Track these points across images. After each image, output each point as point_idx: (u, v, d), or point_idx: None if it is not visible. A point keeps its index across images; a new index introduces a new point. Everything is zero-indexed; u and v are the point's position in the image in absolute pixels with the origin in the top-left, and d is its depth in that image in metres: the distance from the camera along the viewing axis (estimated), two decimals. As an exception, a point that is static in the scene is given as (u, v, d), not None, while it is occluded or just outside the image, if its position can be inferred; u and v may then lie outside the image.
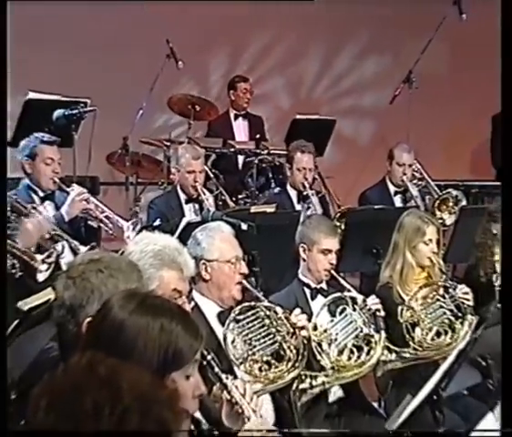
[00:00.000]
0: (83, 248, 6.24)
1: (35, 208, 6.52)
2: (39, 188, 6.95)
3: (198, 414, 2.94)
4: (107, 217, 6.77)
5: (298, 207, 8.33)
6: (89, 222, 6.84)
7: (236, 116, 10.37)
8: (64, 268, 5.18)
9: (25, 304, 4.67)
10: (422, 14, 10.49)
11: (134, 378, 1.98)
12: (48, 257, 5.99)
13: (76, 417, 1.87)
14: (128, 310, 2.81)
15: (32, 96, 8.09)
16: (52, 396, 1.93)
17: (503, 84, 3.53)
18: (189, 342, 2.81)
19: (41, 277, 5.87)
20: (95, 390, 1.91)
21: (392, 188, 9.08)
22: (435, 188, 9.04)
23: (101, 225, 6.78)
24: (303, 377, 5.38)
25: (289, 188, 8.60)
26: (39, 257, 5.95)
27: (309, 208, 8.27)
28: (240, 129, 10.28)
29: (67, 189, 7.04)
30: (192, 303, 4.75)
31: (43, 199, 6.96)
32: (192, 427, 2.94)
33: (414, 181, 9.09)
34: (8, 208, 6.51)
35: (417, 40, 10.16)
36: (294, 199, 8.49)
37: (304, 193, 8.49)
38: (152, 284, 3.87)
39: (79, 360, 2.05)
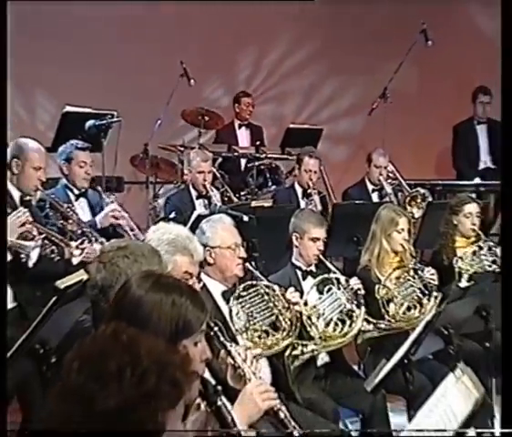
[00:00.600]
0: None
1: (69, 208, 6.57)
2: (74, 187, 6.95)
3: (206, 375, 2.90)
4: (131, 229, 6.75)
5: (302, 202, 8.36)
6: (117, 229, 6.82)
7: (240, 126, 10.38)
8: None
9: (62, 283, 4.66)
10: (395, 40, 10.43)
11: (151, 345, 1.97)
12: (81, 244, 5.99)
13: (102, 378, 1.87)
14: (145, 288, 2.84)
15: (68, 109, 8.11)
16: (82, 360, 1.93)
17: (503, 85, 3.52)
18: (196, 315, 2.84)
19: (75, 261, 5.86)
20: (118, 355, 1.90)
21: (370, 187, 9.11)
22: (406, 187, 9.07)
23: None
24: (296, 345, 5.39)
25: (296, 185, 8.63)
26: (73, 243, 5.94)
27: (310, 203, 8.30)
28: (243, 137, 10.30)
29: (107, 200, 7.08)
30: (201, 283, 4.75)
31: (77, 197, 6.96)
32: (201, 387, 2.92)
33: (389, 181, 9.10)
34: (47, 206, 6.55)
35: (391, 62, 10.15)
36: (300, 195, 8.52)
37: (308, 191, 8.52)
38: (167, 267, 3.85)
39: (105, 330, 2.06)
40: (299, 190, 8.57)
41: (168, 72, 9.40)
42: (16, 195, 6.26)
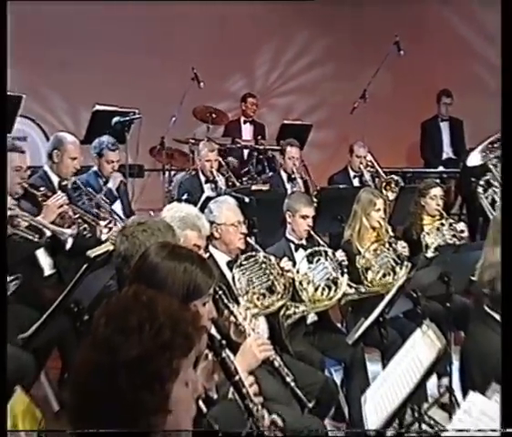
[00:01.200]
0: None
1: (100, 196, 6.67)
2: (102, 176, 6.97)
3: (213, 331, 2.90)
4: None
5: (288, 185, 8.32)
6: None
7: (245, 122, 10.36)
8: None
9: (92, 252, 4.66)
10: (373, 50, 10.40)
11: (166, 303, 1.96)
12: (109, 223, 6.00)
13: (125, 331, 1.86)
14: (161, 257, 2.84)
15: (98, 107, 8.11)
16: (108, 316, 1.92)
17: (503, 84, 3.06)
18: (205, 280, 2.83)
19: (103, 236, 5.87)
20: (138, 312, 1.90)
21: (352, 173, 9.08)
22: (382, 173, 9.02)
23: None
24: (289, 306, 5.40)
25: (282, 172, 8.61)
26: (102, 223, 5.96)
27: (295, 186, 8.25)
28: (247, 131, 10.27)
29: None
30: (208, 254, 4.74)
31: (105, 182, 6.96)
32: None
33: (368, 168, 9.07)
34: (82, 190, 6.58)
35: (370, 68, 10.09)
36: (285, 180, 8.49)
37: (292, 176, 8.51)
38: (180, 240, 3.84)
39: (127, 291, 2.05)
40: (284, 176, 8.54)
41: (182, 76, 9.34)
42: (55, 180, 6.40)
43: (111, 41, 9.99)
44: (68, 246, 5.53)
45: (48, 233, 5.53)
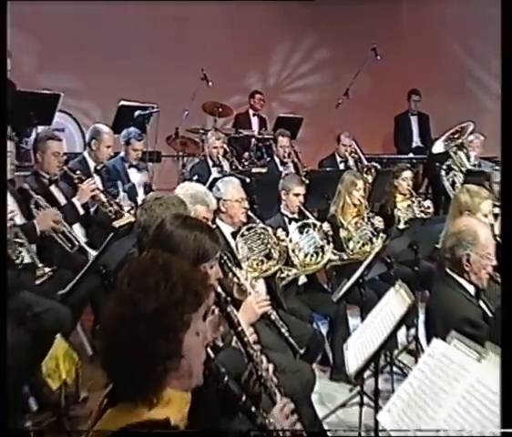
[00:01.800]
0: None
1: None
2: (128, 161, 6.87)
3: (219, 290, 2.89)
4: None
5: (281, 168, 8.26)
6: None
7: (253, 115, 10.26)
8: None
9: (117, 223, 4.66)
10: (354, 55, 10.33)
11: (179, 265, 1.96)
12: (131, 208, 5.97)
13: (144, 289, 1.86)
14: (175, 226, 2.83)
15: (123, 103, 8.05)
16: (130, 276, 1.92)
17: (503, 84, 2.86)
18: (212, 246, 2.82)
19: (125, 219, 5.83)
20: (155, 272, 1.90)
21: (338, 159, 9.02)
22: (364, 160, 9.02)
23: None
24: (283, 270, 5.38)
25: (275, 157, 8.53)
26: (126, 208, 5.91)
27: (286, 169, 8.20)
28: (254, 123, 10.17)
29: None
30: (215, 226, 4.72)
31: (129, 166, 6.86)
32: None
33: (352, 154, 9.04)
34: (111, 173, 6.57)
35: (351, 71, 10.02)
36: (278, 164, 8.42)
37: (284, 161, 8.46)
38: (190, 213, 3.83)
39: (146, 255, 2.06)
40: (277, 160, 8.47)
41: (194, 76, 9.24)
42: (92, 165, 6.41)
43: (133, 44, 9.84)
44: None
45: (81, 211, 5.57)
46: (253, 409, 2.13)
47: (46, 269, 4.53)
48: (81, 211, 5.51)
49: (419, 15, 11.49)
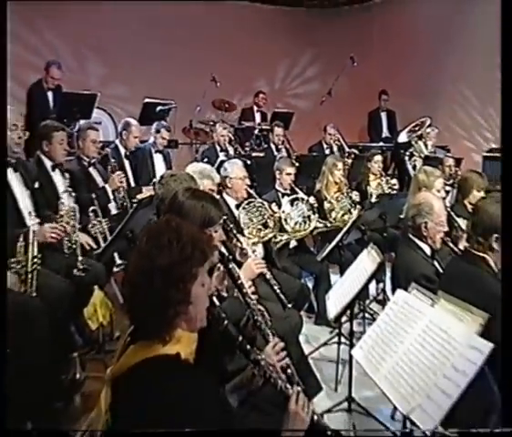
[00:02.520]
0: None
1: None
2: (156, 147, 6.75)
3: (223, 250, 2.85)
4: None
5: (276, 153, 8.13)
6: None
7: (257, 111, 10.07)
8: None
9: (140, 196, 4.62)
10: (335, 61, 10.25)
11: (189, 228, 1.93)
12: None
13: (159, 246, 1.83)
14: (186, 197, 2.76)
15: (146, 100, 7.98)
16: (148, 236, 1.90)
17: (503, 84, 2.67)
18: (216, 213, 2.77)
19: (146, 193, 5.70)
20: (169, 233, 1.87)
21: (324, 145, 8.91)
22: (346, 147, 8.91)
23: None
24: (277, 236, 5.31)
25: (271, 144, 8.42)
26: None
27: (281, 154, 8.09)
28: (258, 117, 9.96)
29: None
30: (221, 198, 4.67)
31: (156, 152, 6.74)
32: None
33: (335, 142, 8.93)
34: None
35: (333, 75, 9.93)
36: (274, 150, 8.30)
37: (279, 147, 8.36)
38: (199, 187, 3.78)
39: (162, 219, 2.06)
40: (273, 147, 8.37)
41: (206, 77, 9.13)
42: (123, 152, 6.32)
43: (154, 50, 9.72)
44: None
45: (111, 196, 5.51)
46: (248, 347, 2.10)
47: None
48: (111, 196, 5.46)
49: (387, 29, 11.37)
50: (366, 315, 5.38)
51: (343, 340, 4.60)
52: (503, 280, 2.33)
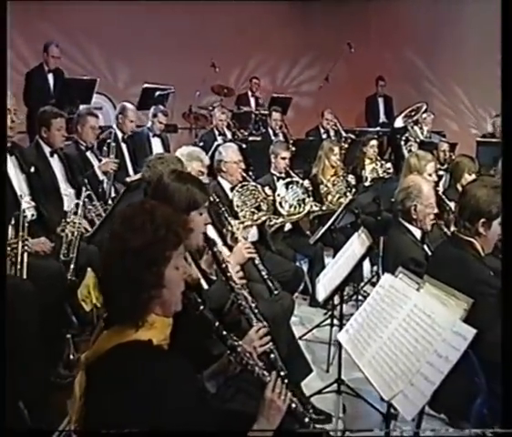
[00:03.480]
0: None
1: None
2: (153, 131, 6.67)
3: (209, 233, 2.75)
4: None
5: (273, 138, 7.97)
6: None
7: (251, 95, 9.87)
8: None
9: (129, 179, 4.51)
10: (333, 47, 10.07)
11: (163, 210, 1.83)
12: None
13: (132, 228, 1.75)
14: (171, 179, 2.66)
15: (146, 85, 7.88)
16: (122, 218, 1.81)
17: (503, 83, 2.52)
18: (201, 196, 2.66)
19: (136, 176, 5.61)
20: (142, 215, 1.78)
21: (321, 130, 8.83)
22: (342, 132, 8.81)
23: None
24: (272, 219, 5.21)
25: (269, 129, 8.32)
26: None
27: (278, 138, 7.99)
28: (253, 102, 9.79)
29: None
30: (216, 182, 4.55)
31: (153, 136, 6.67)
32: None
33: (333, 127, 8.85)
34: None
35: (331, 60, 9.74)
36: (271, 135, 8.18)
37: (276, 132, 8.25)
38: (187, 169, 3.68)
39: (137, 202, 1.94)
40: (270, 131, 8.26)
41: (205, 63, 9.00)
42: (120, 135, 6.20)
43: (155, 37, 9.51)
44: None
45: (101, 177, 5.36)
46: (224, 333, 2.00)
47: None
48: (101, 177, 5.33)
49: (385, 15, 11.20)
50: (360, 298, 5.31)
51: (335, 322, 4.52)
52: (503, 280, 2.20)
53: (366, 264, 5.87)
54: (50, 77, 7.36)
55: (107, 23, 9.12)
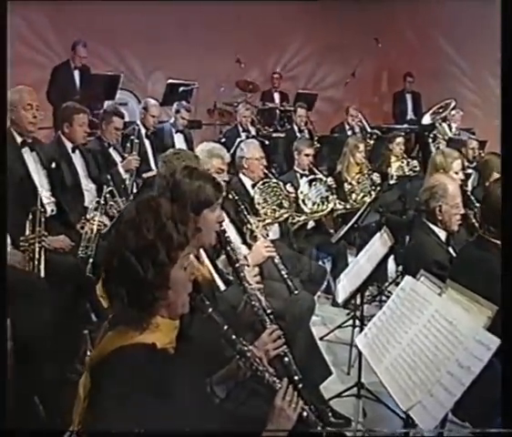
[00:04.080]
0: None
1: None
2: (176, 127, 6.64)
3: (226, 232, 2.68)
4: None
5: (298, 134, 7.84)
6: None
7: (274, 91, 9.77)
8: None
9: (146, 175, 4.47)
10: (360, 42, 9.91)
11: (169, 209, 1.74)
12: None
13: (136, 227, 1.69)
14: (183, 175, 2.59)
15: (170, 81, 7.87)
16: (127, 216, 1.75)
17: (503, 83, 2.46)
18: (214, 193, 2.58)
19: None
20: (147, 213, 1.71)
21: (346, 127, 8.69)
22: (368, 128, 8.71)
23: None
24: (295, 216, 5.15)
25: (294, 125, 8.17)
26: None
27: (303, 135, 7.88)
28: (276, 98, 9.67)
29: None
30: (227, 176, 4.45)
31: (176, 132, 6.63)
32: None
33: (358, 123, 8.74)
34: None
35: (358, 55, 9.60)
36: (296, 131, 8.02)
37: (301, 128, 8.09)
38: (207, 166, 3.61)
39: (143, 199, 1.84)
40: (295, 128, 8.10)
41: (231, 60, 9.01)
42: (143, 131, 6.18)
43: (181, 34, 9.41)
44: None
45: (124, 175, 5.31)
46: (233, 337, 1.92)
47: None
48: (124, 175, 5.31)
49: (412, 12, 10.97)
50: (384, 298, 5.18)
51: (357, 323, 4.41)
52: (503, 280, 2.09)
53: (391, 264, 5.74)
54: (76, 74, 7.41)
55: (133, 21, 9.07)
